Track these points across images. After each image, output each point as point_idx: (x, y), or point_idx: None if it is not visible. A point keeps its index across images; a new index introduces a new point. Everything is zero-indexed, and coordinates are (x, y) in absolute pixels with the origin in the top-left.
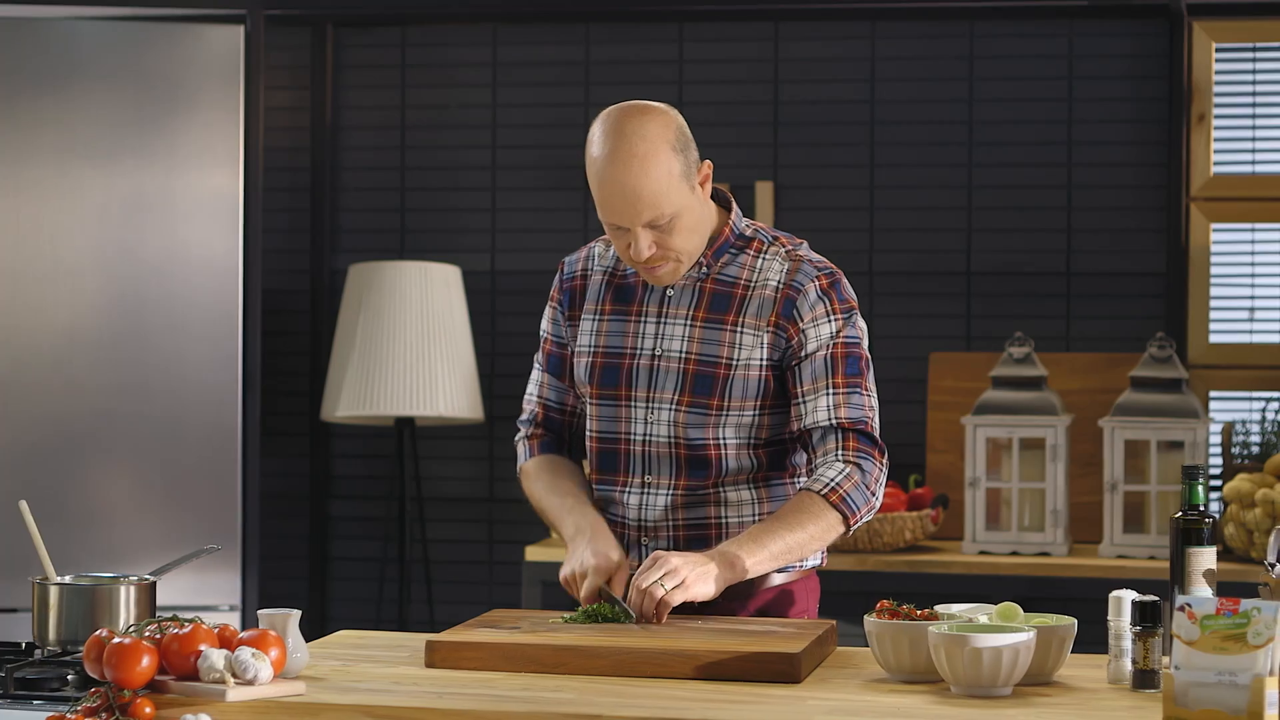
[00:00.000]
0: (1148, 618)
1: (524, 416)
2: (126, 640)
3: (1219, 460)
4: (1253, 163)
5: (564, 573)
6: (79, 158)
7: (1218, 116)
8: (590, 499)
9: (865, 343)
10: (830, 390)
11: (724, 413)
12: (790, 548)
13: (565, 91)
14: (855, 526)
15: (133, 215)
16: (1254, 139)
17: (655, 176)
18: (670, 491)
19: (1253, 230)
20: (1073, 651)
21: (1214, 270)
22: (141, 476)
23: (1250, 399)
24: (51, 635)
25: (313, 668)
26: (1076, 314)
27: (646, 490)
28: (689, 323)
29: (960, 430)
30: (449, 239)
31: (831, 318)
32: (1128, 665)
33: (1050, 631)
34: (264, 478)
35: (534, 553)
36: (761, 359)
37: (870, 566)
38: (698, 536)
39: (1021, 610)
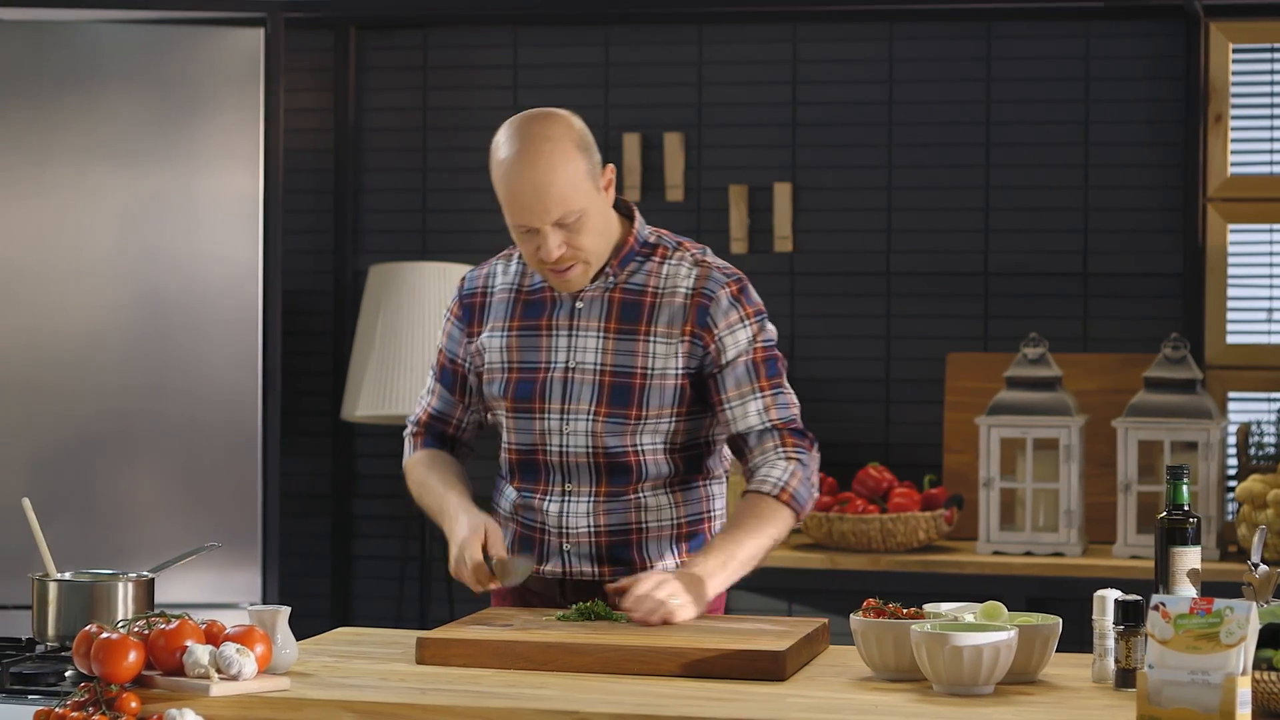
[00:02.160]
0: (1130, 617)
1: (412, 418)
2: (114, 636)
3: (1235, 461)
4: (1270, 163)
5: (451, 567)
6: (100, 159)
7: (1235, 117)
8: (464, 487)
9: (778, 345)
10: (758, 394)
11: (642, 421)
12: (754, 555)
13: (585, 94)
14: (802, 519)
15: (154, 216)
16: (1271, 139)
17: (563, 173)
18: (591, 499)
19: (1270, 231)
20: (1073, 651)
21: (1231, 271)
22: (162, 476)
23: (1270, 400)
24: (50, 631)
25: (304, 663)
26: (1093, 314)
27: (567, 498)
28: (601, 334)
29: (976, 430)
30: (470, 240)
31: (746, 323)
32: (1111, 664)
33: (1033, 630)
34: (287, 477)
35: None
36: (677, 368)
37: (884, 566)
38: (619, 543)
39: (1006, 609)
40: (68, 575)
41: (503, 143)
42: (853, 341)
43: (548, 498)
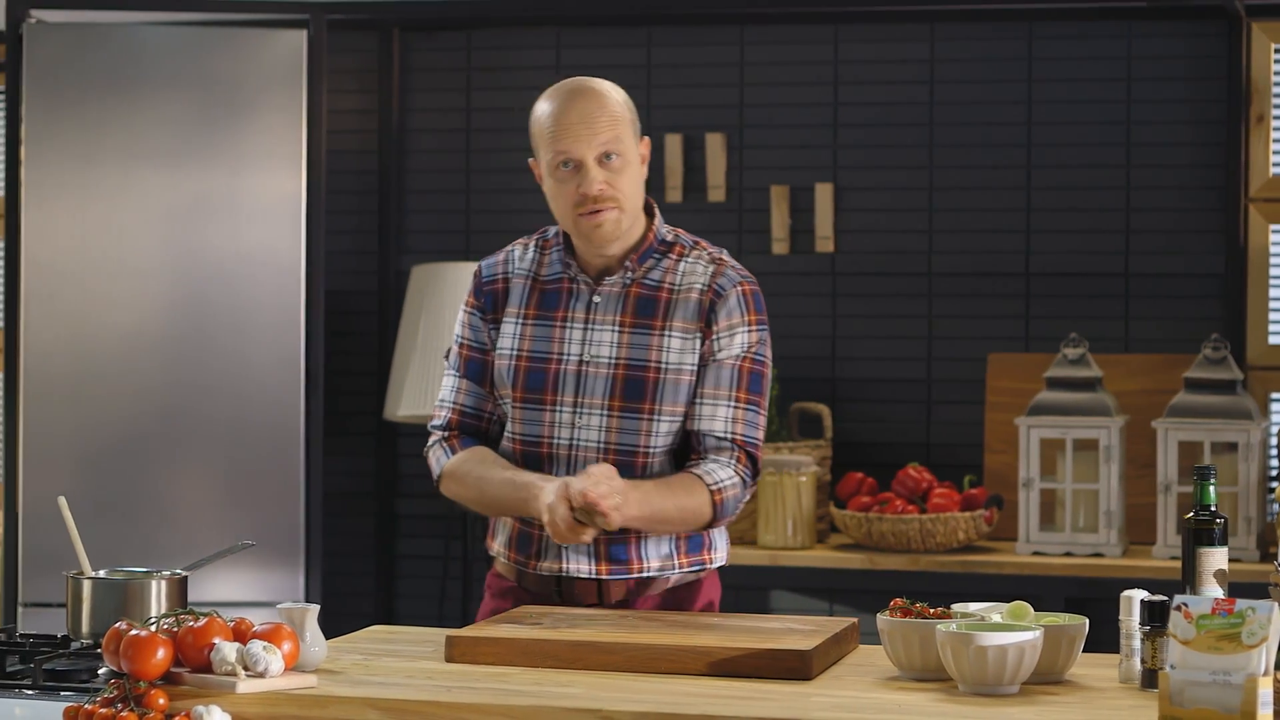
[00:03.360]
0: (1156, 617)
1: (436, 422)
2: (143, 633)
3: (1277, 462)
4: None
5: (551, 534)
6: (145, 160)
7: (1277, 117)
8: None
9: (771, 363)
10: (732, 403)
11: (656, 417)
12: (664, 520)
13: (628, 94)
14: (714, 529)
15: (198, 217)
16: None
17: (612, 105)
18: None
19: None
20: (1104, 651)
21: (1273, 271)
22: (205, 475)
23: None
24: (84, 628)
25: (334, 661)
26: (1134, 315)
27: None
28: (616, 328)
29: (1016, 431)
30: (513, 240)
31: (748, 329)
32: (1138, 665)
33: (1059, 631)
34: (331, 476)
35: None
36: (693, 363)
37: (923, 566)
38: (618, 542)
39: (1032, 609)
40: (102, 573)
41: (548, 95)
42: (894, 342)
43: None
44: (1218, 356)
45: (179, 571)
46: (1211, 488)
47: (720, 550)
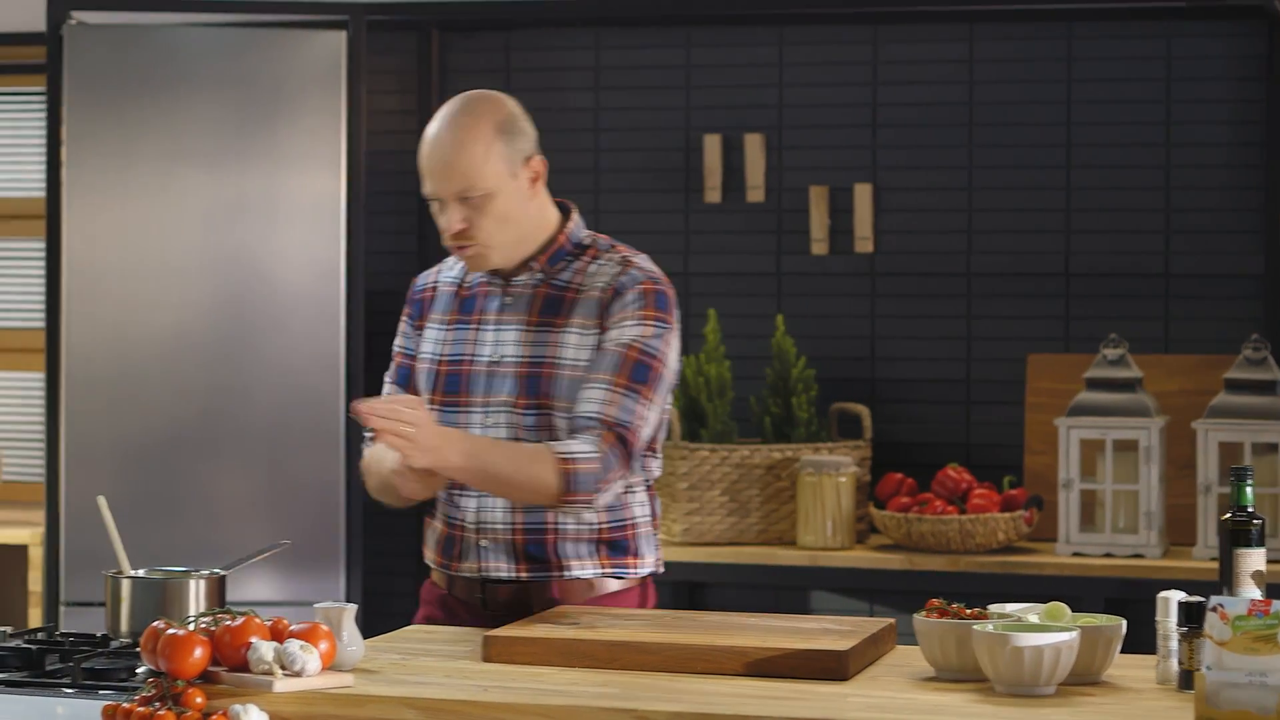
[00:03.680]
0: (1193, 618)
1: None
2: (180, 632)
3: None
4: None
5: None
6: (184, 161)
7: None
8: None
9: (670, 362)
10: (608, 386)
11: (559, 414)
12: (497, 477)
13: (667, 95)
14: (569, 508)
15: (238, 218)
16: None
17: (472, 150)
18: None
19: None
20: (1145, 652)
21: None
22: (246, 475)
23: None
24: (123, 627)
25: (371, 660)
26: (1175, 315)
27: (484, 494)
28: (521, 328)
29: (1056, 432)
30: None
31: (640, 322)
32: (1175, 666)
33: (1096, 631)
34: None
35: None
36: (589, 360)
37: (963, 567)
38: (535, 542)
39: (1069, 610)
40: (141, 572)
41: (432, 121)
42: (933, 342)
43: (464, 493)
44: (1258, 357)
45: (217, 571)
46: (1249, 488)
47: (648, 557)
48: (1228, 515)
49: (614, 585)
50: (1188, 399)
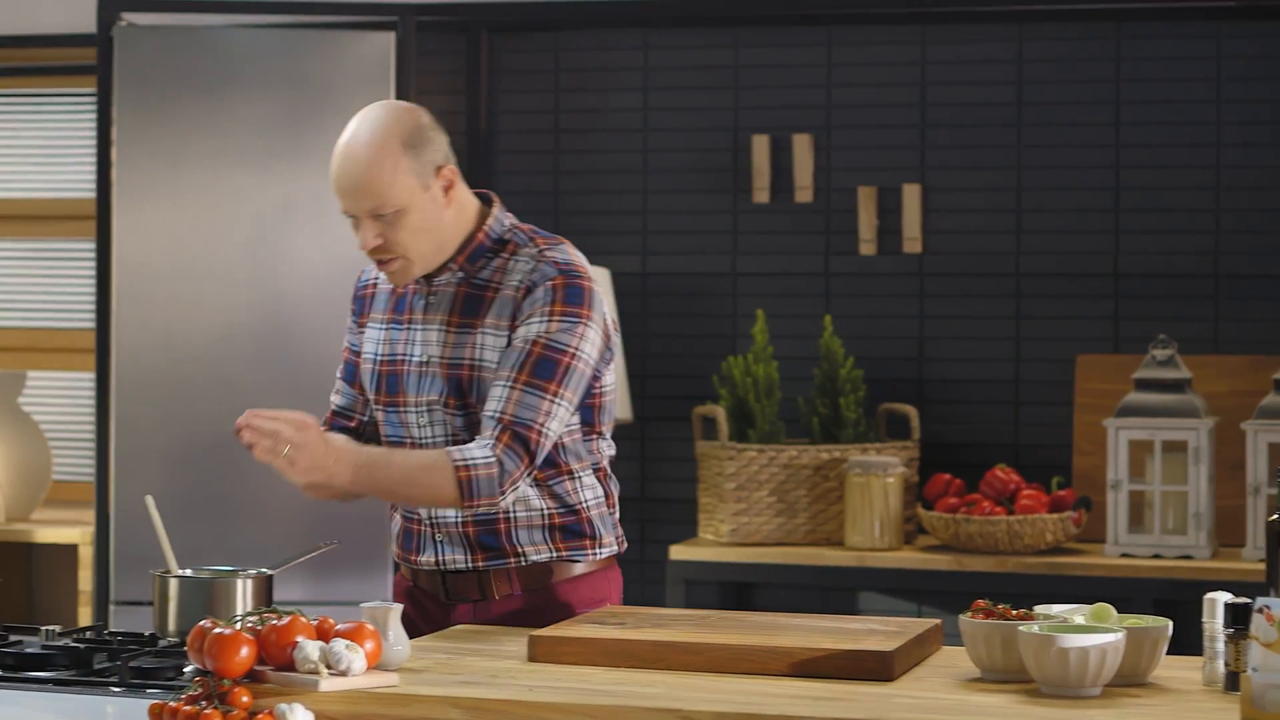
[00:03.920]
0: (1239, 620)
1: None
2: (227, 631)
3: None
4: None
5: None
6: (234, 162)
7: None
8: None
9: (585, 350)
10: (509, 384)
11: (481, 413)
12: (390, 488)
13: (715, 95)
14: (471, 510)
15: (287, 218)
16: None
17: (378, 169)
18: None
19: None
20: (1193, 654)
21: None
22: None
23: None
24: (171, 626)
25: (417, 660)
26: (1224, 316)
27: None
28: (443, 328)
29: (1105, 433)
30: (601, 241)
31: (547, 318)
32: (1221, 667)
33: (1142, 633)
34: None
35: (678, 551)
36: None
37: (1010, 568)
38: (487, 531)
39: (1115, 611)
40: (188, 572)
41: (343, 131)
42: (982, 343)
43: None
44: None
45: (264, 571)
46: None
47: (606, 538)
48: (1275, 516)
49: (576, 569)
50: (1237, 400)
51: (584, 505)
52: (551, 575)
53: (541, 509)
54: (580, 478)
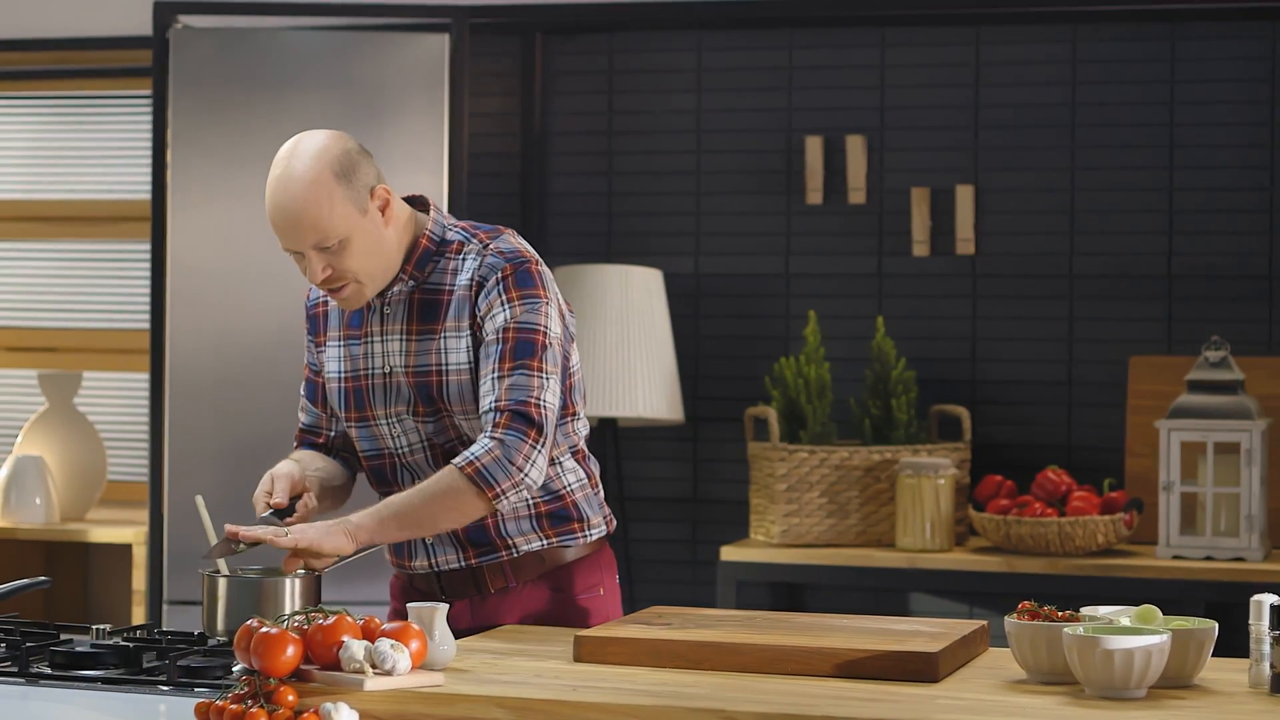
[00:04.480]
0: None
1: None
2: (273, 631)
3: None
4: None
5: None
6: None
7: None
8: (322, 464)
9: (553, 328)
10: (496, 375)
11: (456, 418)
12: (411, 515)
13: (768, 97)
14: (502, 500)
15: None
16: None
17: (315, 205)
18: None
19: None
20: (1240, 656)
21: None
22: None
23: None
24: (220, 625)
25: (463, 660)
26: (1278, 318)
27: None
28: (404, 336)
29: (1158, 434)
30: (655, 242)
31: (506, 306)
32: (1267, 669)
33: (1188, 635)
34: None
35: (729, 552)
36: (469, 362)
37: (1062, 570)
38: (476, 527)
39: (1160, 613)
40: (237, 572)
41: (273, 166)
42: (1034, 344)
43: None
44: None
45: (313, 570)
46: None
47: (595, 519)
48: None
49: (569, 555)
50: None
51: (568, 489)
52: (545, 564)
53: (527, 499)
54: (561, 462)
